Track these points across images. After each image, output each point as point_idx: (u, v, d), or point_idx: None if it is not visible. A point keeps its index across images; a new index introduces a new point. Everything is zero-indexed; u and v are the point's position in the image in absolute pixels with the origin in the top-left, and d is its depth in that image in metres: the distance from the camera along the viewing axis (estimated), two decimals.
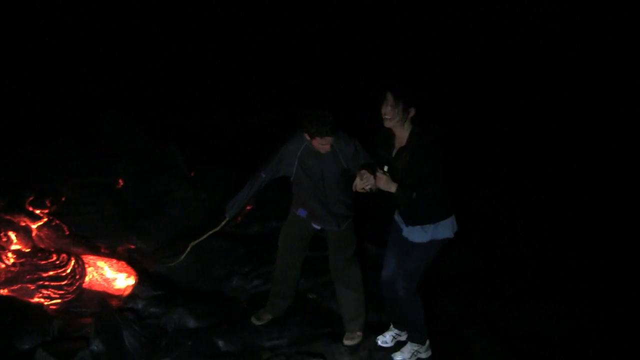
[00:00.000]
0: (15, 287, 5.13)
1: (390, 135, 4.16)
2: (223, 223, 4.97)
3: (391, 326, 5.03)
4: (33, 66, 12.46)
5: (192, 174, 7.28)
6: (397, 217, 4.48)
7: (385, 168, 4.02)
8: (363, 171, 4.07)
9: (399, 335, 4.96)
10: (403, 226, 4.37)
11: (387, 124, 4.01)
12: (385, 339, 4.98)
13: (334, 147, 4.46)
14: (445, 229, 4.23)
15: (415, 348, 4.74)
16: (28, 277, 5.21)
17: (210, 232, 5.13)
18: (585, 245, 7.29)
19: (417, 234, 4.26)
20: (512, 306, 6.02)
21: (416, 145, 3.97)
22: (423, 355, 4.77)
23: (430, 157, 3.92)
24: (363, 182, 4.03)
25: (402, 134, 4.07)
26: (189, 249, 5.30)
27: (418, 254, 4.31)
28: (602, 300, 5.80)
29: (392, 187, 3.93)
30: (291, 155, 4.55)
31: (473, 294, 6.46)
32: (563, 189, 8.32)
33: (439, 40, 15.22)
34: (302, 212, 4.85)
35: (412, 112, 3.96)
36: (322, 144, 4.36)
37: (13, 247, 5.60)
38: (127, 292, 5.55)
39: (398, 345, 4.90)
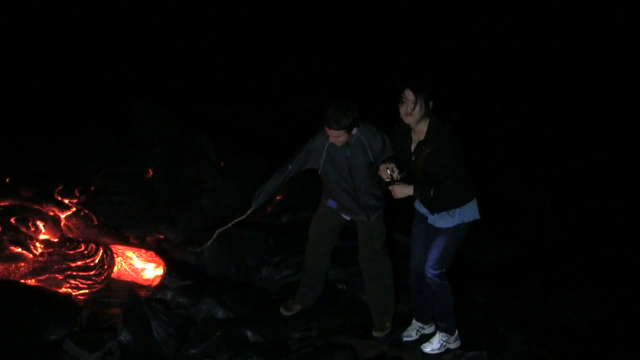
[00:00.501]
0: (43, 277, 5.11)
1: (408, 129, 4.15)
2: (249, 212, 4.90)
3: (413, 320, 4.97)
4: (65, 55, 12.56)
5: (222, 164, 7.24)
6: (418, 206, 4.46)
7: (396, 173, 4.08)
8: (381, 169, 4.12)
9: (422, 329, 4.91)
10: (429, 214, 4.34)
11: (408, 121, 4.01)
12: (409, 334, 4.92)
13: (363, 141, 4.40)
14: (471, 211, 4.26)
15: (445, 339, 4.68)
16: (56, 267, 5.19)
17: (236, 220, 5.08)
18: (616, 235, 7.11)
19: (443, 220, 4.26)
20: (542, 297, 5.92)
21: (436, 138, 3.97)
22: (452, 346, 4.71)
23: (450, 149, 3.93)
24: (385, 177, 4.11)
25: (420, 127, 4.06)
26: (215, 235, 5.24)
27: (446, 238, 4.28)
28: (633, 290, 5.64)
29: (410, 191, 4.03)
30: (319, 148, 4.49)
31: (503, 284, 6.37)
32: (594, 178, 8.12)
33: (450, 26, 15.06)
34: (332, 203, 4.79)
35: (431, 105, 3.96)
36: (335, 136, 4.30)
37: (41, 236, 5.60)
38: (155, 283, 5.51)
39: (423, 338, 4.85)
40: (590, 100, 11.54)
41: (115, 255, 5.65)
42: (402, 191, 4.05)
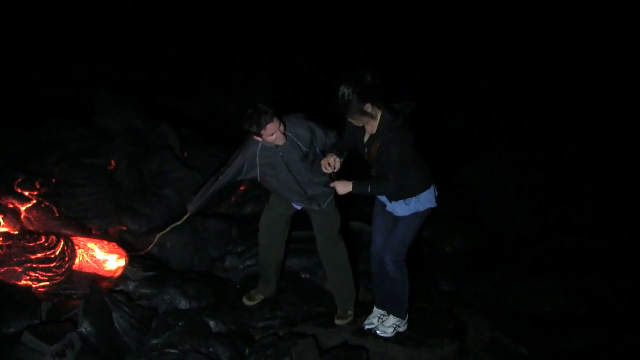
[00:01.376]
0: (1, 270, 5.04)
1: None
2: (184, 218, 5.03)
3: (375, 308, 5.03)
4: (26, 45, 12.37)
5: (186, 155, 7.20)
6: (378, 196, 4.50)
7: (338, 162, 4.18)
8: (322, 164, 4.20)
9: (384, 316, 4.95)
10: (387, 201, 4.37)
11: (357, 125, 4.02)
12: (371, 321, 4.98)
13: (289, 135, 4.45)
14: (426, 200, 4.28)
15: (397, 322, 4.79)
16: (15, 259, 5.12)
17: (173, 226, 5.24)
18: (578, 222, 7.24)
19: (400, 208, 4.30)
20: (504, 284, 6.00)
21: (385, 133, 3.93)
22: (401, 329, 4.81)
23: (398, 144, 3.89)
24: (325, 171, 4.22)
25: (372, 122, 4.01)
26: (156, 239, 5.41)
27: (403, 226, 4.35)
28: (593, 275, 5.77)
29: (349, 187, 4.11)
30: (250, 158, 4.54)
31: (467, 272, 6.47)
32: (558, 167, 8.25)
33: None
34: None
35: (369, 107, 3.85)
36: (271, 135, 4.34)
37: (0, 229, 5.52)
38: (117, 274, 5.49)
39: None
40: (556, 89, 11.72)
41: (76, 247, 5.59)
42: (343, 188, 4.14)
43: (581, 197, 7.64)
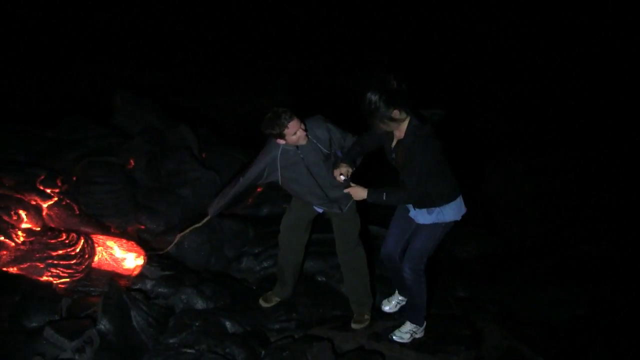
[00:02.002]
0: (24, 266, 5.13)
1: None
2: (204, 220, 5.10)
3: (396, 292, 5.09)
4: (47, 45, 12.49)
5: (204, 155, 7.25)
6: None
7: (342, 177, 4.23)
8: (335, 174, 4.29)
9: (403, 301, 5.02)
10: (410, 208, 4.36)
11: (386, 130, 3.98)
12: (389, 304, 5.07)
13: (310, 138, 4.46)
14: (450, 212, 4.23)
15: (414, 329, 4.78)
16: (37, 255, 5.21)
17: (193, 227, 5.29)
18: (597, 230, 7.20)
19: (422, 216, 4.27)
20: (522, 291, 5.98)
21: (412, 140, 3.88)
22: (418, 335, 4.81)
23: (425, 151, 3.84)
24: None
25: (400, 127, 3.95)
26: (176, 240, 5.50)
27: (424, 235, 4.32)
28: (613, 285, 5.73)
29: (364, 194, 4.11)
30: (271, 162, 4.56)
31: (483, 279, 6.43)
32: (575, 173, 8.22)
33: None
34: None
35: (397, 113, 3.80)
36: (294, 134, 4.34)
37: (23, 225, 5.60)
38: (135, 272, 5.55)
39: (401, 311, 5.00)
40: (572, 96, 11.65)
41: (96, 245, 5.67)
42: (358, 194, 4.16)
43: (600, 204, 7.60)
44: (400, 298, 5.03)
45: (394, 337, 4.80)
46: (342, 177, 4.25)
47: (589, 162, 8.60)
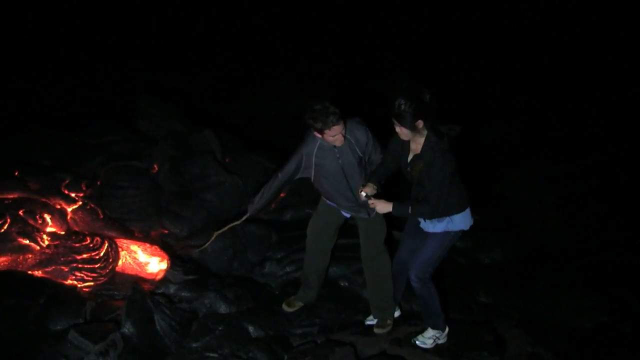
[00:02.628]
0: (49, 269, 5.20)
1: (405, 140, 4.23)
2: (244, 218, 5.06)
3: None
4: (71, 50, 12.65)
5: (227, 160, 7.27)
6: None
7: (363, 194, 4.35)
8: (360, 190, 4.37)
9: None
10: (421, 221, 4.44)
11: (403, 139, 4.14)
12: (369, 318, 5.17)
13: (348, 138, 4.45)
14: (460, 221, 4.33)
15: (436, 334, 4.77)
16: (62, 259, 5.28)
17: (232, 225, 5.23)
18: (621, 236, 7.09)
19: (431, 225, 4.35)
20: (545, 297, 5.91)
21: (429, 154, 4.04)
22: (441, 341, 4.80)
23: (442, 166, 3.99)
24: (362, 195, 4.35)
25: (417, 140, 4.12)
26: (213, 237, 5.41)
27: (433, 243, 4.39)
28: (638, 292, 5.64)
29: (389, 208, 4.22)
30: (307, 158, 4.55)
31: (506, 284, 6.36)
32: (599, 178, 8.11)
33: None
34: (332, 203, 4.84)
35: (421, 124, 3.97)
36: (334, 136, 4.33)
37: (48, 229, 5.67)
38: (159, 276, 5.59)
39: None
40: (596, 100, 11.51)
41: (120, 249, 5.72)
42: (383, 207, 4.25)
43: (625, 210, 7.49)
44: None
45: (416, 342, 4.79)
46: (364, 194, 4.33)
47: (612, 167, 8.48)
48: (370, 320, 5.13)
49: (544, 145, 9.97)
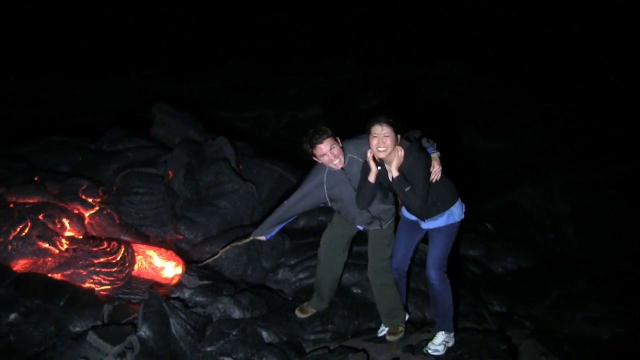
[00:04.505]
0: (68, 272, 5.27)
1: (380, 161, 4.40)
2: (246, 240, 5.24)
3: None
4: (90, 59, 12.82)
5: (241, 167, 7.33)
6: (407, 214, 4.74)
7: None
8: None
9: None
10: (420, 222, 4.62)
11: (383, 155, 4.28)
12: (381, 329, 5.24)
13: (354, 157, 4.54)
14: (457, 213, 4.55)
15: (446, 338, 4.81)
16: (80, 262, 5.35)
17: (234, 245, 5.48)
18: (637, 248, 7.07)
19: (436, 222, 4.56)
20: (560, 307, 5.91)
21: (408, 160, 4.28)
22: (450, 344, 4.84)
23: (420, 162, 4.28)
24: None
25: (389, 158, 4.31)
26: (219, 254, 5.62)
27: (442, 238, 4.56)
28: None
29: (396, 173, 4.31)
30: (318, 187, 4.65)
31: (519, 294, 6.37)
32: (614, 189, 8.10)
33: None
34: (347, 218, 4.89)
35: (399, 137, 4.27)
36: (322, 156, 4.44)
37: (67, 233, 5.75)
38: (174, 281, 5.64)
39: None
40: (613, 109, 11.49)
41: (136, 254, 5.78)
42: (396, 164, 4.31)
43: (637, 221, 7.48)
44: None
45: (429, 351, 4.80)
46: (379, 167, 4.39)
47: (626, 177, 8.47)
48: (382, 332, 5.16)
49: (559, 154, 9.98)
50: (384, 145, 4.21)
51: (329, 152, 4.41)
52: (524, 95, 12.79)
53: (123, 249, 5.62)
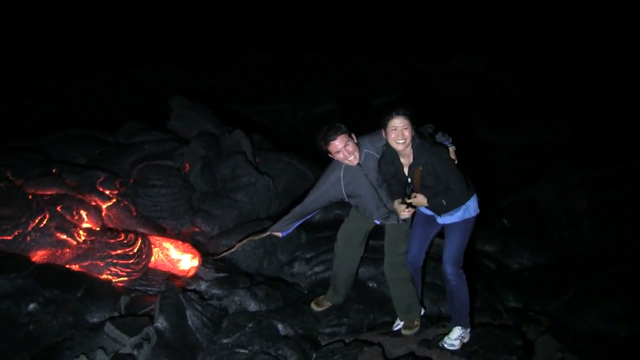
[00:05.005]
0: (85, 263, 5.32)
1: (394, 156, 4.40)
2: (263, 235, 5.29)
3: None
4: (107, 53, 12.90)
5: (257, 160, 7.34)
6: (422, 208, 4.67)
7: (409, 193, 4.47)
8: (397, 204, 4.44)
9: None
10: (437, 216, 4.58)
11: (402, 147, 4.26)
12: (397, 324, 5.17)
13: (371, 153, 4.53)
14: (473, 207, 4.51)
15: (462, 333, 4.78)
16: (98, 254, 5.39)
17: (250, 239, 5.49)
18: None
19: (449, 217, 4.52)
20: (576, 304, 5.86)
21: (424, 155, 4.26)
22: (466, 339, 4.81)
23: (440, 159, 4.25)
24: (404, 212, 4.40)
25: (407, 151, 4.31)
26: (235, 247, 5.62)
27: (458, 233, 4.54)
28: None
29: (425, 202, 4.40)
30: (335, 184, 4.64)
31: (535, 290, 6.33)
32: (632, 186, 8.01)
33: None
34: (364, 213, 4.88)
35: (413, 131, 4.25)
36: (337, 152, 4.44)
37: (84, 225, 5.79)
38: (190, 273, 5.67)
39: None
40: (630, 105, 11.37)
41: (152, 246, 5.82)
42: (422, 200, 4.39)
43: None
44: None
45: (445, 345, 4.78)
46: (404, 207, 4.40)
47: None
48: (398, 326, 5.15)
49: (576, 150, 9.90)
50: (402, 138, 4.19)
51: (343, 149, 4.41)
52: (541, 91, 12.68)
53: (140, 241, 5.65)
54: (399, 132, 4.19)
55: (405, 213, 4.38)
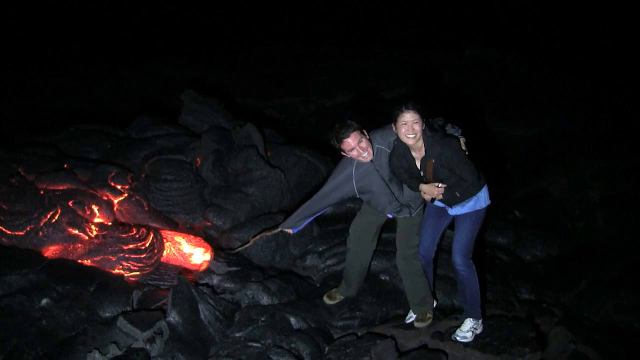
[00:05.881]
0: (97, 258, 5.34)
1: (404, 150, 4.38)
2: (275, 231, 5.23)
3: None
4: (119, 48, 12.94)
5: (269, 154, 7.33)
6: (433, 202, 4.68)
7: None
8: (426, 186, 4.42)
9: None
10: (448, 208, 4.57)
11: (413, 142, 4.24)
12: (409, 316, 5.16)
13: (383, 148, 4.50)
14: (484, 199, 4.49)
15: (474, 325, 4.76)
16: (110, 249, 5.41)
17: (263, 234, 5.46)
18: None
19: (461, 208, 4.51)
20: (588, 296, 5.81)
21: (436, 148, 4.25)
22: (478, 331, 4.79)
23: (452, 151, 4.23)
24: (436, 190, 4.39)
25: (419, 145, 4.28)
26: (250, 242, 5.60)
27: (468, 224, 4.53)
28: None
29: (435, 193, 4.40)
30: (347, 180, 4.62)
31: (548, 282, 6.29)
32: None
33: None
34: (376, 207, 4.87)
35: (423, 125, 4.23)
36: (350, 150, 4.41)
37: (96, 220, 5.82)
38: (203, 268, 5.67)
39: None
40: None
41: (164, 240, 5.83)
42: (434, 191, 4.39)
43: None
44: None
45: (457, 338, 4.76)
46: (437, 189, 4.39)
47: None
48: (410, 319, 5.13)
49: (589, 141, 9.82)
50: (413, 132, 4.17)
51: (357, 146, 4.38)
52: (554, 82, 12.59)
53: (152, 236, 5.66)
54: (409, 127, 4.17)
55: (438, 190, 4.36)
